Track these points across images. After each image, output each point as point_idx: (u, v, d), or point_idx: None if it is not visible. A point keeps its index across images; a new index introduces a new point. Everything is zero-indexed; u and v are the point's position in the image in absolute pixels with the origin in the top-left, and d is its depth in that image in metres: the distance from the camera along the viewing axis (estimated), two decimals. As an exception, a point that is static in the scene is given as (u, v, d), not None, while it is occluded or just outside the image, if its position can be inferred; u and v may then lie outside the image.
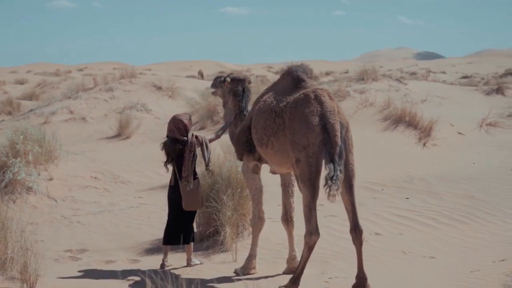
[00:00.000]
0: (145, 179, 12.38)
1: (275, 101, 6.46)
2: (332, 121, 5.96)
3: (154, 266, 7.46)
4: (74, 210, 10.44)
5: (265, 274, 6.93)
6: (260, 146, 6.56)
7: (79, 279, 6.85)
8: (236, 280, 6.71)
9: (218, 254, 7.85)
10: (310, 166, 5.93)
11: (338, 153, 5.85)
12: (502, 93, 21.52)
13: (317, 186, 5.98)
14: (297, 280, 6.09)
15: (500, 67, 69.02)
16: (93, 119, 18.47)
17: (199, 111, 16.77)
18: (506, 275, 5.87)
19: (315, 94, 6.14)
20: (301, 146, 5.98)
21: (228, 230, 7.91)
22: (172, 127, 7.42)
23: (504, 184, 11.69)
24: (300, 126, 6.02)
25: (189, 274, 7.06)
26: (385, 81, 22.54)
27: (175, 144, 7.39)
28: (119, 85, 20.84)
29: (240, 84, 7.56)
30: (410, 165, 12.77)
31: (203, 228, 8.25)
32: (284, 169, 6.67)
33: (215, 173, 8.42)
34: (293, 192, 7.09)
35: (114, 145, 15.50)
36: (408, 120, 15.43)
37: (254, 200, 7.05)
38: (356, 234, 6.16)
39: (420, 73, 56.68)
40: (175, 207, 7.32)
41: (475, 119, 17.12)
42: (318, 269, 6.93)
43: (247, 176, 7.05)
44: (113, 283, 6.68)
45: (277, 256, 7.80)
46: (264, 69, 74.15)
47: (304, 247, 6.07)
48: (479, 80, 44.38)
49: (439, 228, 9.40)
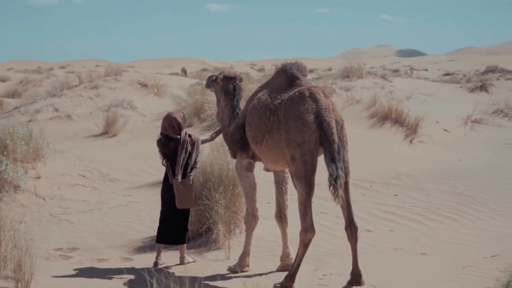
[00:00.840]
0: (133, 177, 12.33)
1: (269, 98, 6.47)
2: (328, 119, 5.99)
3: (147, 265, 7.44)
4: (63, 208, 10.38)
5: (259, 272, 6.94)
6: (255, 143, 6.57)
7: (73, 277, 6.81)
8: (231, 278, 6.71)
9: (211, 252, 7.85)
10: (306, 163, 5.95)
11: (337, 151, 5.88)
12: (486, 90, 21.71)
13: (312, 183, 6.01)
14: (292, 277, 6.11)
15: (481, 64, 69.55)
16: (79, 117, 18.35)
17: (186, 109, 16.68)
18: (500, 271, 5.93)
19: (310, 91, 6.16)
20: (296, 144, 5.99)
21: (220, 228, 7.91)
22: (166, 124, 7.40)
23: (491, 181, 11.80)
24: (295, 123, 6.04)
25: (183, 272, 7.05)
26: (370, 78, 22.63)
27: (168, 142, 7.37)
28: (104, 83, 20.71)
29: (231, 82, 7.55)
30: (397, 162, 12.84)
31: (195, 226, 8.23)
32: (278, 166, 6.68)
33: (207, 171, 8.42)
34: (287, 190, 7.10)
35: (101, 143, 15.42)
36: (394, 117, 15.51)
37: (248, 198, 7.06)
38: (352, 231, 6.19)
39: (402, 70, 56.94)
40: (168, 205, 7.30)
41: (460, 116, 17.26)
42: (312, 266, 6.95)
43: (241, 173, 7.05)
44: (107, 281, 6.66)
45: (270, 253, 7.82)
46: (247, 67, 74.20)
47: (299, 244, 6.09)
48: (461, 77, 44.72)
49: (429, 225, 9.47)
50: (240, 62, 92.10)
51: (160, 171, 12.68)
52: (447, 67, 67.30)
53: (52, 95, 20.08)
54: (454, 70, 59.62)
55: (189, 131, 15.46)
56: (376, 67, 65.16)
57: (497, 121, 17.48)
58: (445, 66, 70.33)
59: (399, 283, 6.35)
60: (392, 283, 6.33)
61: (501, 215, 10.03)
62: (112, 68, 22.65)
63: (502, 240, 8.60)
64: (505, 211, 10.21)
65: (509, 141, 15.57)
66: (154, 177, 12.23)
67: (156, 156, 13.62)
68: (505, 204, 10.51)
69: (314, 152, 5.98)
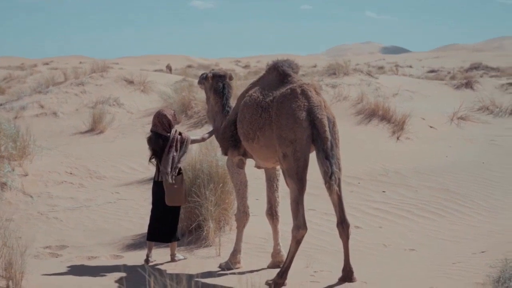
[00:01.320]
0: (120, 174, 12.28)
1: (261, 95, 6.47)
2: (320, 116, 6.00)
3: (137, 262, 7.43)
4: (51, 206, 10.32)
5: (250, 269, 6.95)
6: (246, 140, 6.56)
7: (64, 275, 6.78)
8: (223, 275, 6.72)
9: (201, 249, 7.85)
10: (298, 160, 5.97)
11: (330, 148, 5.90)
12: (471, 87, 21.86)
13: (304, 180, 6.03)
14: (284, 274, 6.13)
15: (465, 61, 70.00)
16: (65, 114, 18.25)
17: (173, 105, 16.65)
18: (490, 267, 5.98)
19: (302, 89, 6.18)
20: (288, 141, 6.01)
21: (211, 225, 7.91)
22: (156, 121, 7.38)
23: (477, 177, 11.89)
24: (287, 121, 6.05)
25: (174, 269, 7.04)
26: (356, 75, 22.72)
27: (157, 139, 7.34)
28: (90, 79, 20.62)
29: (220, 81, 7.53)
30: (384, 159, 12.89)
31: (185, 223, 8.22)
32: (270, 163, 6.69)
33: (196, 168, 8.41)
34: (278, 187, 7.11)
35: (88, 140, 15.35)
36: (381, 114, 15.58)
37: (239, 195, 7.06)
38: (343, 228, 6.22)
39: (387, 67, 57.14)
40: (159, 202, 7.29)
41: (446, 113, 17.38)
42: (302, 263, 6.97)
43: (232, 170, 7.05)
44: (99, 279, 6.64)
45: (260, 250, 7.83)
46: (232, 63, 74.04)
47: (291, 241, 6.12)
48: (445, 74, 45.00)
49: (416, 221, 9.53)
50: (225, 59, 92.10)
51: (147, 168, 12.68)
52: (431, 64, 67.60)
53: (38, 92, 19.96)
54: (438, 67, 59.93)
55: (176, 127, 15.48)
56: (361, 64, 65.33)
57: (482, 118, 17.62)
58: (430, 63, 70.64)
59: (389, 279, 6.38)
60: (383, 279, 6.37)
61: (487, 211, 10.11)
62: (98, 64, 22.55)
63: (489, 236, 8.67)
64: (491, 207, 10.31)
65: (494, 137, 15.70)
66: (142, 174, 12.20)
67: (144, 153, 13.64)
68: (491, 200, 10.60)
69: (306, 149, 6.00)
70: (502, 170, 12.57)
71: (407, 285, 6.06)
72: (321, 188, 6.71)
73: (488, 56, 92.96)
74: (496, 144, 15.13)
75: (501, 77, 29.03)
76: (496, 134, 15.98)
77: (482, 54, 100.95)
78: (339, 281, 6.22)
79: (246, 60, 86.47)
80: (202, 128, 15.53)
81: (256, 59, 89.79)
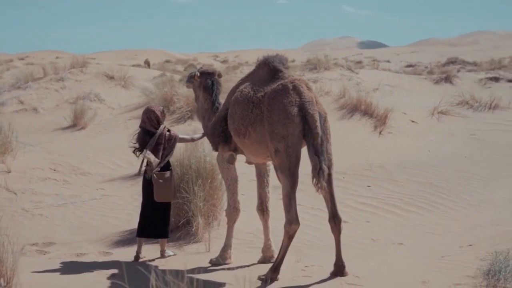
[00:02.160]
0: (104, 170, 12.22)
1: (252, 91, 6.46)
2: (312, 111, 6.02)
3: (127, 258, 7.41)
4: (35, 202, 10.24)
5: (241, 264, 6.96)
6: (237, 136, 6.56)
7: (55, 273, 6.73)
8: (214, 271, 6.72)
9: (191, 245, 7.84)
10: (290, 156, 5.99)
11: (320, 144, 5.93)
12: (451, 81, 22.00)
13: (296, 176, 6.05)
14: (277, 269, 6.15)
15: (441, 56, 70.61)
16: (45, 109, 18.09)
17: (154, 101, 16.56)
18: (480, 260, 6.05)
19: (293, 84, 6.19)
20: (280, 137, 6.02)
21: (200, 220, 7.91)
22: (145, 118, 7.35)
23: (460, 171, 12.01)
24: (279, 116, 6.06)
25: (164, 265, 7.03)
26: (337, 70, 22.78)
27: (145, 136, 7.31)
28: (70, 75, 20.45)
29: (209, 78, 7.54)
30: (368, 153, 12.96)
31: (173, 219, 8.20)
32: (261, 159, 6.69)
33: (184, 164, 8.38)
34: (268, 182, 7.13)
35: (70, 136, 15.23)
36: (363, 109, 15.64)
37: (230, 191, 7.06)
38: (335, 223, 6.26)
39: (365, 62, 57.43)
40: (149, 198, 7.26)
41: (427, 108, 17.49)
42: (292, 258, 6.99)
43: (222, 166, 7.05)
44: (91, 275, 6.60)
45: (249, 245, 7.85)
46: (211, 58, 73.88)
47: (284, 236, 6.14)
48: (423, 68, 45.34)
49: (402, 215, 9.61)
50: (203, 54, 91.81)
51: (131, 164, 12.63)
52: (409, 59, 68.10)
53: (17, 88, 19.76)
54: (415, 61, 60.39)
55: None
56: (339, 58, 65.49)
57: (463, 113, 17.74)
58: (407, 58, 71.15)
59: (380, 273, 6.42)
60: (373, 273, 6.41)
61: (471, 205, 10.23)
62: (78, 60, 22.38)
63: (474, 229, 8.78)
64: (475, 201, 10.43)
65: (474, 132, 15.85)
66: (126, 170, 12.15)
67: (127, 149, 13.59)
68: (475, 194, 10.73)
69: (298, 144, 6.02)
70: (483, 164, 12.72)
71: (399, 279, 6.10)
72: (307, 184, 6.73)
73: (464, 50, 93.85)
74: (476, 138, 15.28)
75: (479, 71, 29.29)
76: (476, 129, 16.13)
77: (458, 49, 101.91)
78: (331, 275, 6.25)
79: (224, 55, 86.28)
80: (184, 123, 15.47)
81: (234, 54, 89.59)
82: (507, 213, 9.50)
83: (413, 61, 60.37)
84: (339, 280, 6.13)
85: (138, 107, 17.48)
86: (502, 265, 5.64)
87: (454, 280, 5.88)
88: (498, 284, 5.55)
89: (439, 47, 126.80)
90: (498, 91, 19.86)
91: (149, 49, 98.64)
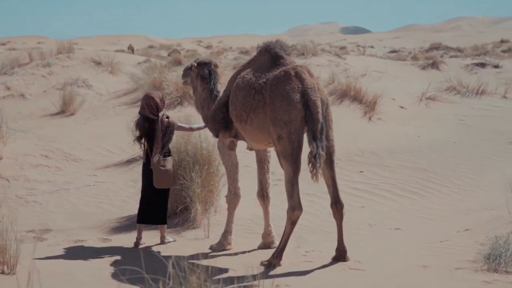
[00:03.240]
0: (96, 156, 12.20)
1: (254, 77, 6.47)
2: (314, 98, 6.06)
3: (126, 245, 7.42)
4: (29, 189, 10.20)
5: (241, 250, 7.00)
6: (239, 122, 6.57)
7: (56, 259, 6.71)
8: (216, 256, 6.75)
9: (189, 231, 7.87)
10: (292, 142, 6.02)
11: (320, 130, 5.97)
12: (437, 67, 22.14)
13: (299, 161, 6.10)
14: (280, 254, 6.21)
15: (425, 41, 70.89)
16: (33, 95, 17.94)
17: (143, 87, 16.51)
18: (480, 244, 6.13)
19: (296, 71, 6.21)
20: (282, 123, 6.05)
21: (198, 207, 7.93)
22: (144, 104, 7.32)
23: (450, 157, 12.14)
24: (281, 103, 6.08)
25: (165, 251, 7.05)
26: (324, 56, 22.84)
27: (144, 122, 7.30)
28: (56, 60, 20.26)
29: (206, 67, 7.59)
30: (359, 139, 13.04)
31: (171, 205, 8.20)
32: (262, 145, 6.72)
33: (181, 150, 8.39)
34: (269, 169, 7.16)
35: (59, 122, 15.13)
36: (353, 95, 15.71)
37: (230, 177, 7.09)
38: (337, 209, 6.32)
39: (349, 47, 57.50)
40: (148, 185, 7.26)
41: (414, 93, 17.60)
42: (292, 243, 7.02)
43: (223, 152, 7.06)
44: (94, 262, 6.61)
45: (248, 231, 7.90)
46: (194, 44, 73.57)
47: (287, 222, 6.19)
48: (406, 54, 45.54)
49: (396, 200, 9.71)
50: (186, 39, 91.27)
51: (123, 151, 12.62)
52: (392, 45, 68.24)
53: (3, 73, 19.55)
54: (399, 47, 60.54)
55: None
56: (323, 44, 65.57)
57: (450, 98, 17.88)
58: (390, 43, 71.32)
59: (380, 258, 6.50)
60: (374, 258, 6.48)
61: (462, 189, 10.36)
62: (64, 45, 22.20)
63: (468, 214, 8.89)
64: (465, 185, 10.55)
65: (462, 117, 16.00)
66: (118, 157, 12.14)
67: (118, 135, 13.54)
68: (465, 179, 10.85)
69: (300, 130, 6.06)
70: (472, 149, 12.86)
71: (399, 264, 6.18)
72: (303, 169, 6.78)
73: (447, 36, 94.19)
74: (465, 123, 15.44)
75: (464, 57, 29.48)
76: (464, 114, 16.28)
77: (441, 35, 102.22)
78: (333, 260, 6.31)
79: (208, 40, 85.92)
80: (174, 109, 15.43)
81: (218, 39, 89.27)
82: (498, 197, 9.60)
83: (396, 47, 60.51)
84: (342, 265, 6.20)
85: (127, 93, 17.42)
86: (503, 249, 5.73)
87: (454, 264, 5.96)
88: (499, 268, 5.64)
89: (422, 32, 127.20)
90: (485, 77, 20.03)
91: (131, 34, 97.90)
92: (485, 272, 5.65)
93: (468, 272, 5.71)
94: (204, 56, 8.91)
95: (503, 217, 7.65)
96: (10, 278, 5.62)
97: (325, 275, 5.92)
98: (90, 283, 5.81)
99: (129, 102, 16.42)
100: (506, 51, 46.12)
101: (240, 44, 65.33)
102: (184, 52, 47.37)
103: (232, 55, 43.78)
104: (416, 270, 5.92)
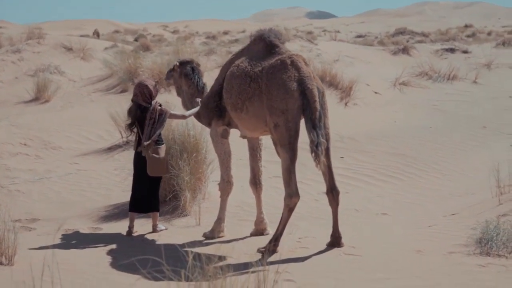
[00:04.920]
0: (76, 144, 12.10)
1: (249, 66, 6.50)
2: (311, 86, 6.12)
3: (119, 233, 7.42)
4: (10, 178, 10.10)
5: (234, 237, 7.05)
6: (234, 110, 6.60)
7: (52, 249, 6.66)
8: (210, 244, 6.79)
9: (179, 219, 7.89)
10: (289, 130, 6.09)
11: (319, 118, 6.05)
12: (408, 53, 22.40)
13: (295, 149, 6.16)
14: (277, 241, 6.28)
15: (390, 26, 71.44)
16: (4, 82, 17.68)
17: (118, 73, 16.36)
18: (471, 229, 6.28)
19: (292, 59, 6.26)
20: (279, 111, 6.10)
21: (187, 194, 7.96)
22: (137, 91, 7.29)
23: (427, 142, 12.36)
24: (278, 91, 6.13)
25: (159, 240, 7.07)
26: (297, 41, 22.96)
27: (136, 110, 7.27)
28: (27, 46, 19.99)
29: (188, 65, 7.75)
30: (337, 125, 13.07)
31: (161, 194, 8.19)
32: (257, 133, 6.76)
33: (169, 138, 8.38)
34: (261, 156, 7.21)
35: (34, 109, 14.93)
36: (329, 81, 15.81)
37: (223, 165, 7.13)
38: (334, 195, 6.41)
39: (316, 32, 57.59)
40: (141, 173, 7.25)
41: (387, 79, 17.81)
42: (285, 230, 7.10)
43: (216, 140, 7.09)
44: (91, 251, 6.59)
45: (238, 218, 7.95)
46: (160, 29, 72.95)
47: (284, 209, 6.26)
48: (373, 39, 45.88)
49: (379, 186, 9.86)
50: (152, 24, 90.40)
51: (102, 138, 12.55)
52: (358, 29, 68.67)
53: (-29, 60, 19.21)
54: (365, 32, 60.95)
55: (124, 96, 15.24)
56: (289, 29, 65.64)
57: (423, 83, 18.14)
58: (356, 28, 71.79)
59: (373, 243, 6.61)
60: (367, 243, 6.58)
61: (442, 173, 10.56)
62: (30, 30, 21.89)
63: (450, 198, 9.08)
64: (444, 169, 10.77)
65: (436, 102, 16.25)
66: (98, 144, 12.07)
67: (96, 122, 13.42)
68: (444, 164, 11.07)
69: (297, 119, 6.13)
70: (447, 134, 13.10)
71: (393, 249, 6.30)
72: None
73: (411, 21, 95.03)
74: (438, 108, 15.69)
75: (432, 42, 29.84)
76: (437, 99, 16.54)
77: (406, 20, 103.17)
78: (328, 246, 6.41)
79: (173, 25, 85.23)
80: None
81: (183, 24, 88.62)
82: (478, 181, 9.81)
83: (362, 32, 60.92)
84: (337, 251, 6.30)
85: (101, 79, 17.25)
86: (493, 233, 5.89)
87: (447, 248, 6.11)
88: (491, 252, 5.80)
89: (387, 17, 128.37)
90: (455, 62, 20.34)
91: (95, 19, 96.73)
92: (478, 256, 5.80)
93: (462, 256, 5.86)
94: (186, 56, 9.12)
95: (488, 201, 7.83)
96: (9, 268, 5.58)
97: (323, 261, 6.01)
98: (91, 272, 5.80)
99: (104, 89, 16.28)
100: (471, 35, 46.85)
101: (207, 29, 64.99)
102: (150, 37, 46.95)
103: (199, 39, 43.57)
104: (411, 255, 6.05)
